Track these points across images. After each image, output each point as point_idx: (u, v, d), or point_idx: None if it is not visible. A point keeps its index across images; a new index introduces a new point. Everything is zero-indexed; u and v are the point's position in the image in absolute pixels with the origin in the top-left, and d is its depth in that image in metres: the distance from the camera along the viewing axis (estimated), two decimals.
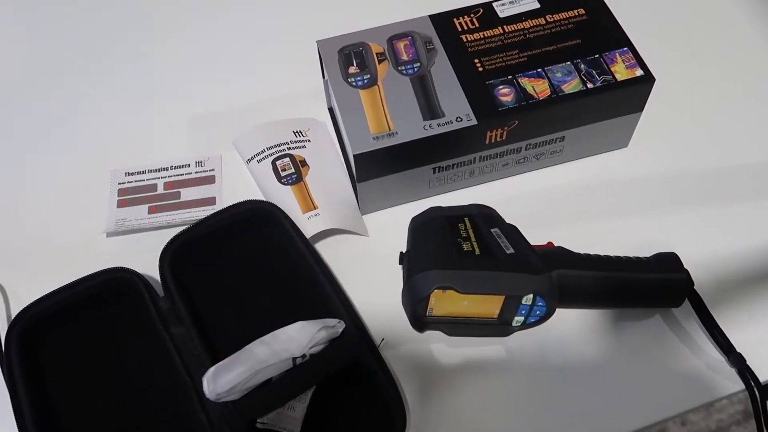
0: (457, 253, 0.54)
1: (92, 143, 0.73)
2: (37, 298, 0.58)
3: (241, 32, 0.82)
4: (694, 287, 0.57)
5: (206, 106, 0.75)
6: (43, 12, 0.85)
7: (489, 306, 0.54)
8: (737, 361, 0.55)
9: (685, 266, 0.57)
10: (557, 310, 0.55)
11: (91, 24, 0.84)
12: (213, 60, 0.79)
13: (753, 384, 0.54)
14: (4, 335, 0.57)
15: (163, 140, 0.73)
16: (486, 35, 0.66)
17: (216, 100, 0.75)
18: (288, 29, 0.81)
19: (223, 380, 0.51)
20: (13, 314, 0.58)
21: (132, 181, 0.70)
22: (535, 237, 0.58)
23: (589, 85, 0.62)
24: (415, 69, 0.64)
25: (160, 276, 0.60)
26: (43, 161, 0.72)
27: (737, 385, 0.55)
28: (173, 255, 0.60)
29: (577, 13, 0.66)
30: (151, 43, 0.81)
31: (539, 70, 0.63)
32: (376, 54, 0.65)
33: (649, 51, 0.65)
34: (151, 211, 0.67)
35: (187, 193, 0.69)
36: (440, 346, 0.58)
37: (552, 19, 0.66)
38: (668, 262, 0.58)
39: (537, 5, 0.67)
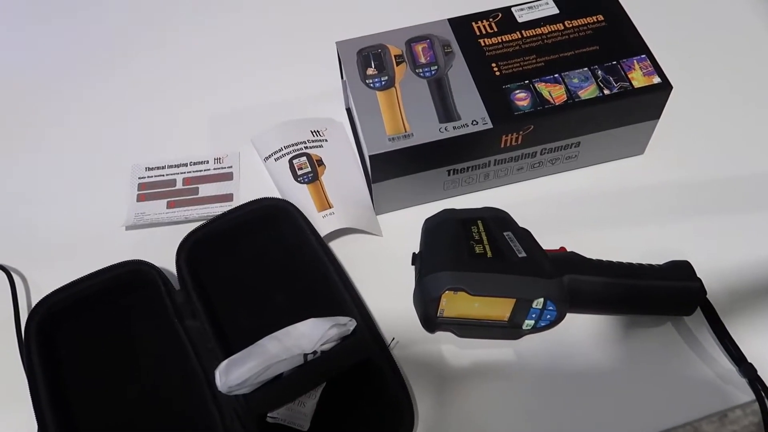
0: (469, 255, 0.54)
1: (114, 138, 0.74)
2: (57, 288, 0.59)
3: (262, 32, 0.83)
4: (707, 296, 0.57)
5: (226, 104, 0.76)
6: (66, 7, 0.86)
7: (500, 309, 0.54)
8: (748, 371, 0.55)
9: (698, 275, 0.57)
10: (568, 315, 0.55)
11: (114, 19, 0.85)
12: (234, 59, 0.80)
13: (764, 394, 0.54)
14: (24, 324, 0.58)
15: (183, 137, 0.74)
16: (504, 40, 0.66)
17: (235, 99, 0.76)
18: (308, 30, 0.82)
19: (235, 374, 0.52)
20: (33, 303, 0.59)
21: (152, 176, 0.71)
22: (548, 242, 0.58)
23: (606, 92, 0.62)
24: (433, 72, 0.64)
25: (177, 270, 0.61)
26: (66, 155, 0.73)
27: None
28: (190, 249, 0.61)
29: (595, 20, 0.67)
30: (173, 41, 0.83)
31: (556, 75, 0.63)
32: (395, 56, 0.65)
33: (667, 59, 0.65)
34: (169, 205, 0.68)
35: (205, 189, 0.70)
36: (450, 347, 0.59)
37: (570, 25, 0.66)
38: (681, 269, 0.58)
39: (556, 10, 0.68)
